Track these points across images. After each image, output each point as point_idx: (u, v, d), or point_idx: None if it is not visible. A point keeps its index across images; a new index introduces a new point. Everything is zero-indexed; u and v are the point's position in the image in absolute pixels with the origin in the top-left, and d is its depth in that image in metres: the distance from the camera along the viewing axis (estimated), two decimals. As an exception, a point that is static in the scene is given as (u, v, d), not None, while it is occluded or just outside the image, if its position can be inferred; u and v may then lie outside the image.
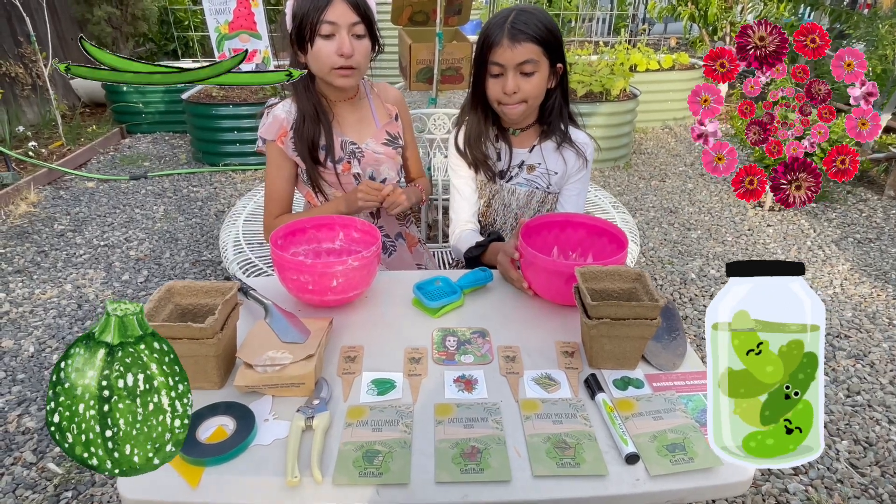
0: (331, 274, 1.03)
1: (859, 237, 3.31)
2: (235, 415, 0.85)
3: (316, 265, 1.03)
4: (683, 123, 5.51)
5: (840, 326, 2.49)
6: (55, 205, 3.66)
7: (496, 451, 0.80)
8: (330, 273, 1.03)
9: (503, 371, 0.96)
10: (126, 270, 2.91)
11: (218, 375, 0.90)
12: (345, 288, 1.06)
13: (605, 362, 0.95)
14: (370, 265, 1.09)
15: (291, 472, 0.76)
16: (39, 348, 2.33)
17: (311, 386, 0.90)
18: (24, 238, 3.22)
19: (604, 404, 0.87)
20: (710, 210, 3.68)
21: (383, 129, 1.55)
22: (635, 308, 0.89)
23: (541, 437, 0.83)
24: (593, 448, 0.81)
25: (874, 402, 2.06)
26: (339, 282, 1.04)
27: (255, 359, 0.90)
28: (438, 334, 1.06)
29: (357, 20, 1.33)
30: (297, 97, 1.44)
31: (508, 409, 0.89)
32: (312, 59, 1.37)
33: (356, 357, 0.99)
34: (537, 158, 1.49)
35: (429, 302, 1.10)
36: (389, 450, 0.80)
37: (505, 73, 1.32)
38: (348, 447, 0.81)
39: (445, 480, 0.76)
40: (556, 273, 1.06)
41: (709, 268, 2.98)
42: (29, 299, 2.66)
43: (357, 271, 1.06)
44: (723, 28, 5.59)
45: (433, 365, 0.98)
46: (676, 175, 4.29)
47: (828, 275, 2.91)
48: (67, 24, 5.68)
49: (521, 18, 1.31)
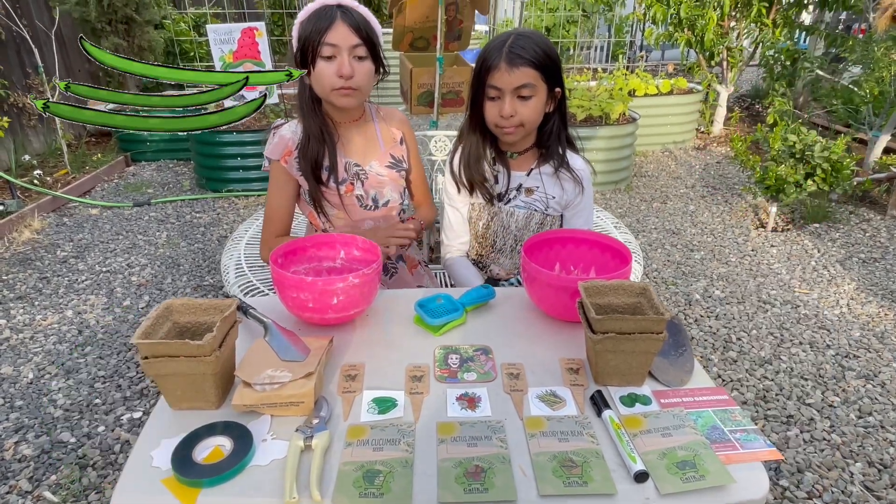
0: (331, 291, 1.02)
1: (864, 256, 3.29)
2: (233, 435, 0.83)
3: (316, 282, 1.02)
4: (683, 146, 5.54)
5: (849, 346, 2.45)
6: (58, 231, 3.67)
7: (501, 470, 0.78)
8: (330, 290, 1.02)
9: (507, 388, 0.94)
10: (127, 296, 2.90)
11: (215, 395, 0.88)
12: (345, 305, 1.05)
13: (611, 378, 0.93)
14: (371, 282, 1.08)
15: (290, 492, 0.73)
16: (39, 374, 2.31)
17: (310, 405, 0.88)
18: (26, 265, 3.22)
19: (611, 421, 0.85)
20: (712, 231, 3.68)
21: (388, 152, 1.56)
22: (641, 322, 0.87)
23: (547, 455, 0.80)
24: (601, 466, 0.78)
25: (886, 423, 2.01)
26: (340, 299, 1.03)
27: (253, 377, 0.88)
28: (440, 352, 1.04)
29: (358, 42, 1.35)
30: (303, 117, 1.46)
31: (513, 427, 0.86)
32: (315, 79, 1.39)
33: (357, 375, 0.97)
34: (535, 182, 1.49)
35: (430, 319, 1.08)
36: (391, 469, 0.78)
37: (502, 96, 1.33)
38: (348, 467, 0.79)
39: (449, 501, 0.74)
40: (559, 288, 1.05)
41: (713, 288, 2.95)
42: (30, 325, 2.65)
43: (358, 288, 1.04)
44: (719, 53, 5.66)
45: (435, 383, 0.96)
46: (678, 197, 4.29)
47: (834, 294, 2.89)
48: (75, 56, 5.79)
49: (520, 43, 1.32)
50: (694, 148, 5.55)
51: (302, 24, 1.38)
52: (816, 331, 2.58)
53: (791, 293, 2.91)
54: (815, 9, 5.52)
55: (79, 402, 2.16)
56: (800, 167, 3.50)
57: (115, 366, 2.36)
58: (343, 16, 1.33)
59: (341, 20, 1.33)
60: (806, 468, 1.83)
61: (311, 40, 1.34)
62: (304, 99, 1.46)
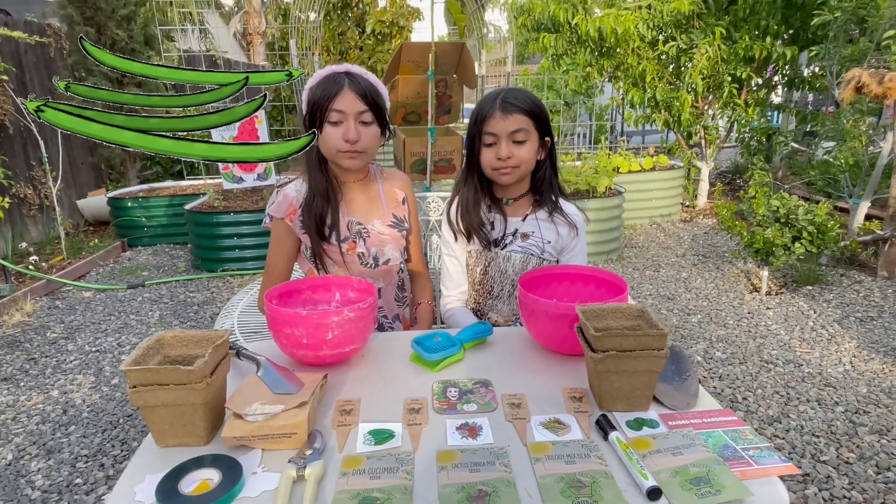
0: (326, 325, 1.00)
1: (860, 316, 3.28)
2: (221, 468, 0.79)
3: (311, 315, 1.01)
4: (670, 219, 5.67)
5: (857, 402, 2.39)
6: (50, 314, 3.63)
7: (506, 494, 0.73)
8: (325, 324, 1.00)
9: (508, 417, 0.91)
10: (116, 375, 2.82)
11: (204, 428, 0.84)
12: (341, 341, 1.03)
13: (616, 403, 0.90)
14: (367, 318, 1.07)
15: (281, 517, 0.68)
16: (18, 455, 2.20)
17: (303, 437, 0.84)
18: (14, 346, 3.15)
19: (618, 442, 0.81)
20: (707, 296, 3.68)
21: (390, 212, 1.58)
22: (641, 339, 0.86)
23: (553, 477, 0.76)
24: (611, 486, 0.74)
25: (908, 479, 1.92)
26: (335, 334, 1.01)
27: (244, 409, 0.85)
28: (439, 386, 1.01)
29: (364, 109, 1.40)
30: (310, 174, 1.49)
31: (517, 452, 0.82)
32: (322, 142, 1.43)
33: (352, 410, 0.94)
34: (531, 227, 1.52)
35: (427, 355, 1.06)
36: (388, 497, 0.74)
37: (498, 141, 1.39)
38: (343, 495, 0.74)
39: (451, 525, 0.69)
40: (557, 317, 1.04)
41: (714, 350, 2.92)
42: (13, 406, 2.55)
43: (353, 323, 1.03)
44: (696, 133, 5.94)
45: (434, 414, 0.93)
46: (669, 265, 4.34)
47: (835, 353, 2.85)
48: (79, 150, 6.01)
49: (512, 94, 1.41)
50: (681, 220, 5.68)
51: (312, 89, 1.44)
52: (823, 388, 2.52)
53: (792, 353, 2.87)
54: (784, 89, 5.88)
55: (58, 483, 2.04)
56: (786, 231, 3.57)
57: (99, 444, 2.26)
58: (350, 83, 1.39)
59: (348, 87, 1.39)
60: (830, 528, 1.72)
61: (320, 105, 1.40)
62: (312, 158, 1.50)
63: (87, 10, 5.10)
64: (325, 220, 1.48)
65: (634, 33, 5.19)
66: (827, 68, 4.76)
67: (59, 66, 5.66)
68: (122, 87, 5.35)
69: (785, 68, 5.65)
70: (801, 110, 5.61)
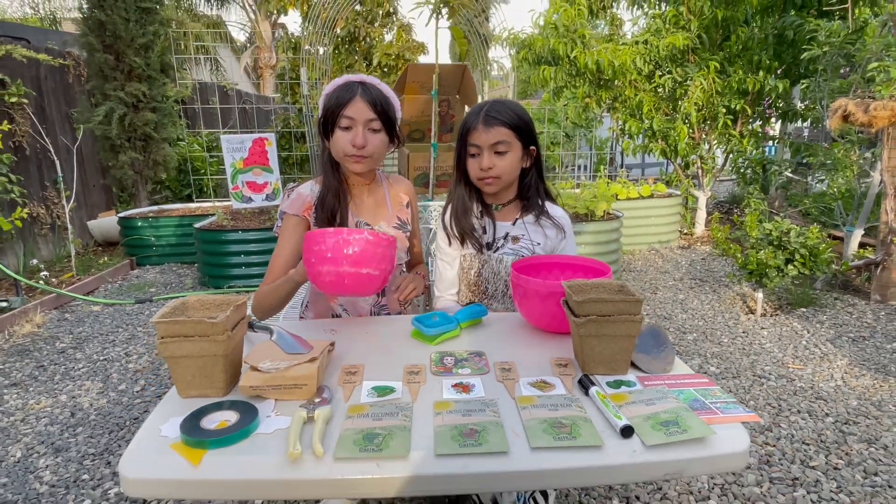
0: (347, 241, 1.12)
1: (853, 335, 3.34)
2: (239, 410, 0.87)
3: (338, 232, 1.13)
4: (669, 246, 5.77)
5: (847, 414, 2.44)
6: (59, 326, 3.71)
7: (494, 432, 0.82)
8: (347, 240, 1.12)
9: (499, 378, 1.00)
10: (123, 381, 2.89)
11: (224, 380, 0.93)
12: (359, 260, 1.12)
13: (597, 367, 0.99)
14: (385, 250, 1.15)
15: (293, 445, 0.77)
16: (27, 454, 2.26)
17: (313, 388, 0.92)
18: (24, 355, 3.23)
19: (597, 394, 0.90)
20: (703, 316, 3.75)
21: (395, 215, 1.70)
22: (618, 304, 0.95)
23: (537, 420, 0.85)
24: (589, 427, 0.83)
25: (894, 483, 1.97)
26: (355, 250, 1.11)
27: (260, 363, 0.94)
28: (436, 355, 1.10)
29: (373, 117, 1.51)
30: (325, 174, 1.61)
31: (505, 404, 0.91)
32: (332, 145, 1.55)
33: (357, 372, 1.03)
34: (521, 231, 1.62)
35: (427, 330, 1.15)
36: (389, 433, 0.82)
37: (481, 152, 1.51)
38: (349, 432, 0.82)
39: (445, 453, 0.77)
40: (547, 296, 1.13)
41: (708, 365, 2.98)
42: (22, 409, 2.62)
43: (371, 245, 1.12)
44: (693, 163, 6.10)
45: (431, 376, 1.02)
46: (667, 288, 4.42)
47: (827, 369, 2.91)
48: (91, 172, 6.18)
49: (495, 108, 1.53)
50: (679, 247, 5.78)
51: (328, 95, 1.57)
52: (814, 401, 2.58)
53: (785, 369, 2.93)
54: (777, 121, 6.06)
55: (66, 479, 2.09)
56: (779, 253, 3.67)
57: (106, 444, 2.32)
58: (363, 92, 1.51)
59: (360, 96, 1.51)
60: (817, 527, 1.77)
61: (332, 112, 1.52)
62: (325, 160, 1.63)
63: (107, 38, 5.34)
64: (335, 216, 1.59)
65: (631, 67, 5.39)
66: (818, 101, 4.93)
67: (76, 92, 5.88)
68: (137, 112, 5.55)
69: (778, 101, 5.84)
70: (795, 141, 5.78)
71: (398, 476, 0.74)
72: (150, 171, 5.91)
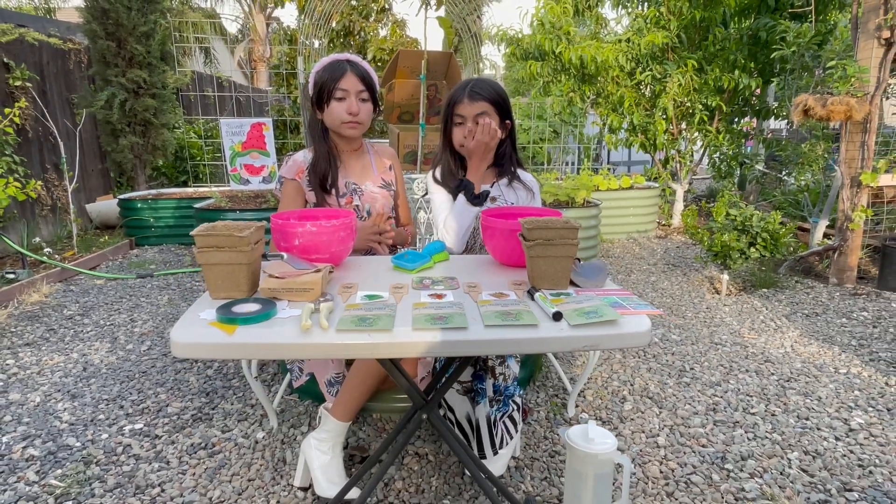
0: (292, 234, 1.34)
1: (807, 312, 3.63)
2: (261, 303, 1.11)
3: (285, 225, 1.35)
4: (646, 235, 6.06)
5: (790, 373, 2.72)
6: (65, 296, 3.92)
7: (458, 318, 1.07)
8: (292, 233, 1.34)
9: (466, 290, 1.25)
10: (130, 342, 3.11)
11: (247, 285, 1.17)
12: (307, 248, 1.34)
13: (543, 282, 1.24)
14: (332, 235, 1.36)
15: (305, 319, 1.01)
16: (45, 399, 2.48)
17: (318, 292, 1.17)
18: (34, 320, 3.44)
19: (539, 297, 1.15)
20: (671, 295, 4.03)
21: (380, 176, 1.96)
22: (559, 231, 1.20)
23: (492, 310, 1.10)
24: (530, 315, 1.08)
25: (822, 426, 2.24)
26: (301, 242, 1.34)
27: (275, 272, 1.18)
28: (417, 278, 1.35)
29: (363, 88, 1.80)
30: (316, 143, 1.86)
31: (469, 305, 1.16)
32: (328, 115, 1.81)
33: (352, 287, 1.27)
34: (497, 192, 1.87)
35: (407, 264, 1.40)
36: (377, 317, 1.07)
37: (465, 122, 1.76)
38: (347, 316, 1.07)
39: (419, 328, 1.02)
40: (509, 233, 1.38)
41: (670, 334, 3.25)
42: (37, 364, 2.84)
43: (315, 236, 1.34)
44: (672, 158, 6.40)
45: (412, 290, 1.26)
46: (641, 271, 4.70)
47: (779, 339, 3.19)
48: (90, 156, 6.37)
49: (479, 84, 1.79)
50: (656, 236, 6.07)
51: (318, 72, 1.83)
52: (762, 363, 2.85)
53: (741, 338, 3.21)
54: (751, 117, 6.37)
55: (83, 419, 2.32)
56: (742, 237, 3.95)
57: (119, 391, 2.54)
58: (352, 68, 1.79)
59: (350, 71, 1.78)
60: (748, 457, 2.04)
61: (327, 85, 1.78)
62: (316, 129, 1.87)
63: (110, 25, 5.53)
64: (327, 178, 1.84)
65: (614, 63, 5.67)
66: (787, 98, 5.23)
67: (77, 77, 6.07)
68: (137, 98, 5.74)
69: (752, 98, 6.14)
70: (766, 138, 6.08)
71: (384, 342, 0.99)
72: (149, 155, 6.11)
